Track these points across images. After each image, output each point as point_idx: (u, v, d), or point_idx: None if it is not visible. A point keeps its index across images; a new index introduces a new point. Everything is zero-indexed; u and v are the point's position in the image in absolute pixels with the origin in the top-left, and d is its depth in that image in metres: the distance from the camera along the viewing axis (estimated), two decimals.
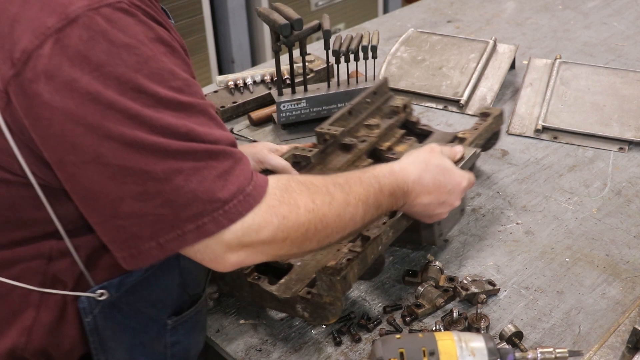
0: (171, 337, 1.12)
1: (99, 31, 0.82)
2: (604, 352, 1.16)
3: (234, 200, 0.89)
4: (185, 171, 0.86)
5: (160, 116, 0.85)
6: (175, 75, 0.87)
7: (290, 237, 0.96)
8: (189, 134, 0.87)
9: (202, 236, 0.89)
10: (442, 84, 1.93)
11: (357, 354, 1.18)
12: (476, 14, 2.42)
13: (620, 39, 2.20)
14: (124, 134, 0.83)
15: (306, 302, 1.16)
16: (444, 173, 1.21)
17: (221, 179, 0.89)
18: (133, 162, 0.84)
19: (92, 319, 1.02)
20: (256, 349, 1.20)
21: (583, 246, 1.39)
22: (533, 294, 1.28)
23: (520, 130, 1.77)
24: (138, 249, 0.89)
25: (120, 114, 0.83)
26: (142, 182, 0.85)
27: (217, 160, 0.89)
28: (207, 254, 0.92)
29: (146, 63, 0.84)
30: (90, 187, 0.86)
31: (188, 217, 0.87)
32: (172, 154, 0.85)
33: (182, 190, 0.86)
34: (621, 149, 1.68)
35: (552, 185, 1.57)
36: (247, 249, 0.94)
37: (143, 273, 1.03)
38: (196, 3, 3.35)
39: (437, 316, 1.24)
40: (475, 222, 1.47)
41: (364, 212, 1.06)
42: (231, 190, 0.89)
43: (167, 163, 0.85)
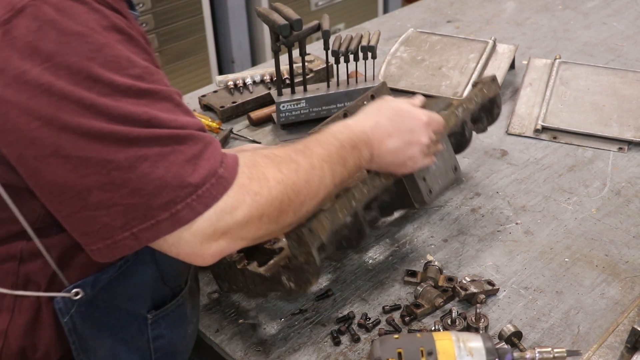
0: (153, 331, 1.10)
1: (47, 20, 0.80)
2: (603, 352, 1.16)
3: (207, 185, 0.87)
4: (150, 158, 0.84)
5: (118, 104, 0.82)
6: (133, 63, 0.85)
7: (265, 213, 0.93)
8: (152, 121, 0.84)
9: (177, 224, 0.86)
10: (441, 84, 1.93)
11: (356, 354, 1.18)
12: (476, 14, 2.42)
13: (620, 39, 2.20)
14: (81, 124, 0.81)
15: (288, 270, 1.15)
16: (400, 113, 1.18)
17: (190, 164, 0.86)
18: (94, 152, 0.82)
19: (69, 319, 1.00)
20: (255, 349, 1.20)
21: (582, 246, 1.39)
22: (532, 294, 1.28)
23: (519, 130, 1.77)
24: (112, 239, 0.86)
25: (76, 104, 0.81)
26: (106, 172, 0.83)
27: (185, 144, 0.86)
28: (183, 247, 0.89)
29: (100, 51, 0.82)
30: (55, 181, 0.84)
31: (160, 205, 0.85)
32: (135, 141, 0.83)
33: (148, 177, 0.84)
34: (621, 149, 1.68)
35: (552, 185, 1.57)
36: (225, 237, 0.91)
37: (117, 269, 1.02)
38: (196, 3, 3.35)
39: (437, 316, 1.24)
40: (474, 222, 1.47)
41: (331, 172, 1.03)
42: (202, 174, 0.87)
43: (131, 151, 0.83)
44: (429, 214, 1.49)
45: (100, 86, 0.82)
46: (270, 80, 1.91)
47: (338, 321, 1.24)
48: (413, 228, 1.46)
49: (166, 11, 3.29)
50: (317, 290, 1.31)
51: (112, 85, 0.82)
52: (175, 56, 3.37)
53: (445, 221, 1.47)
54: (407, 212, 1.49)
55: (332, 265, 1.37)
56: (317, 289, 1.31)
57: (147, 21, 3.25)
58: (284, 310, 1.27)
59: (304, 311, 1.27)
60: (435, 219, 1.48)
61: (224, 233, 0.91)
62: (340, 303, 1.28)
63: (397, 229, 1.45)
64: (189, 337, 1.20)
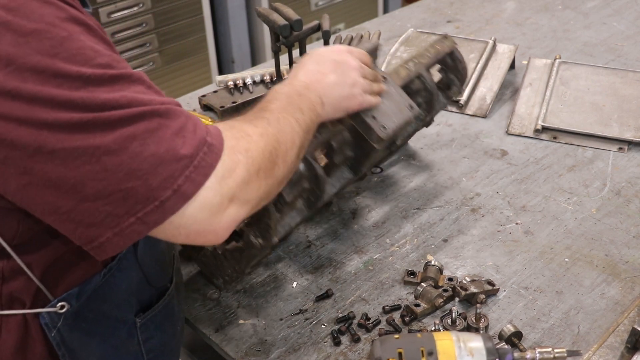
0: (142, 334, 1.10)
1: (0, 23, 0.77)
2: (603, 352, 1.16)
3: (200, 154, 0.84)
4: (139, 136, 0.81)
5: (93, 95, 0.80)
6: (97, 52, 0.82)
7: (261, 167, 0.92)
8: (132, 102, 0.82)
9: (182, 200, 0.83)
10: None
11: (356, 354, 1.18)
12: (476, 14, 2.42)
13: (620, 39, 2.20)
14: (59, 118, 0.79)
15: (251, 226, 1.16)
16: (321, 53, 1.21)
17: (179, 136, 0.84)
18: (79, 141, 0.79)
19: (56, 332, 0.99)
20: (255, 349, 1.20)
21: (582, 246, 1.39)
22: (532, 294, 1.28)
23: (519, 130, 1.77)
24: (119, 227, 0.83)
25: (48, 103, 0.78)
26: (96, 160, 0.80)
27: (169, 118, 0.84)
28: (192, 225, 0.86)
29: (61, 46, 0.79)
30: (47, 177, 0.81)
31: (160, 184, 0.82)
32: (119, 123, 0.81)
33: (141, 156, 0.81)
34: (620, 149, 1.68)
35: (552, 185, 1.57)
36: (232, 203, 0.88)
37: (102, 277, 1.00)
38: (196, 3, 3.35)
39: (437, 316, 1.24)
40: (474, 222, 1.47)
41: (294, 120, 1.04)
42: (193, 144, 0.84)
43: (117, 132, 0.80)
44: (428, 214, 1.49)
45: (70, 81, 0.79)
46: (270, 80, 1.91)
47: (338, 321, 1.24)
48: (413, 228, 1.46)
49: (166, 11, 3.29)
50: (317, 290, 1.31)
51: (82, 78, 0.80)
52: (175, 56, 3.37)
53: (445, 221, 1.47)
54: (407, 212, 1.50)
55: (332, 265, 1.37)
56: (317, 289, 1.31)
57: (147, 21, 3.25)
58: (284, 310, 1.27)
59: (304, 311, 1.27)
60: (435, 219, 1.48)
61: (231, 199, 0.88)
62: (340, 303, 1.28)
63: (397, 229, 1.45)
64: (179, 334, 1.20)
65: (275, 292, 1.32)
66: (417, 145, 1.73)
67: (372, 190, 1.58)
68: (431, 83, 1.46)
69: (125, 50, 3.24)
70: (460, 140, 1.74)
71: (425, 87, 1.46)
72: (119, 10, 3.15)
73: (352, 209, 1.52)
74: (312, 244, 1.43)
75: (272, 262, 1.38)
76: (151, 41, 3.29)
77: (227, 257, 1.24)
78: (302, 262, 1.38)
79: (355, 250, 1.40)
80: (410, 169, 1.64)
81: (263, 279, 1.35)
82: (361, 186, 1.59)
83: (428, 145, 1.73)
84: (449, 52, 1.51)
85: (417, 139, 1.75)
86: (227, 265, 1.26)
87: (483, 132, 1.77)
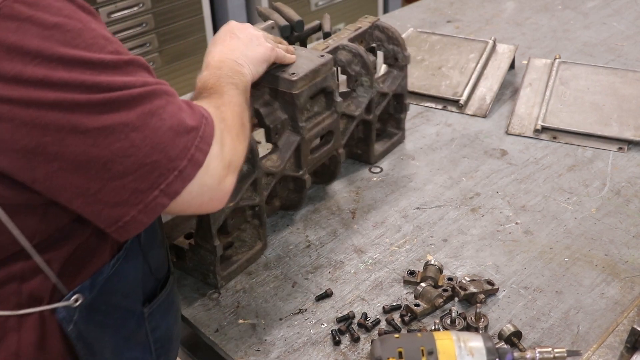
0: (150, 324, 1.12)
1: (24, 18, 0.81)
2: (603, 351, 1.16)
3: (202, 126, 0.93)
4: (156, 111, 0.88)
5: (114, 78, 0.86)
6: (108, 39, 0.89)
7: (238, 132, 1.03)
8: (145, 83, 0.89)
9: (196, 167, 0.91)
10: (441, 83, 1.93)
11: (356, 354, 1.18)
12: (476, 14, 2.42)
13: (619, 39, 2.20)
14: (90, 99, 0.84)
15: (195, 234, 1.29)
16: (216, 36, 1.31)
17: (184, 110, 0.92)
18: (110, 120, 0.85)
19: (73, 326, 1.01)
20: (255, 349, 1.20)
21: (582, 246, 1.39)
22: (532, 294, 1.28)
23: (519, 130, 1.77)
24: (144, 202, 0.89)
25: (78, 87, 0.84)
26: (125, 136, 0.86)
27: (172, 95, 0.92)
28: (206, 193, 0.94)
29: (80, 37, 0.85)
30: (78, 160, 0.86)
31: (178, 154, 0.89)
32: (139, 100, 0.88)
33: (162, 129, 0.88)
34: (620, 148, 1.68)
35: (552, 185, 1.57)
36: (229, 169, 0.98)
37: (111, 268, 1.03)
38: (196, 3, 3.35)
39: (436, 316, 1.24)
40: (474, 221, 1.47)
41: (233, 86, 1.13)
42: (196, 117, 0.93)
43: (138, 109, 0.87)
44: (428, 214, 1.49)
45: (92, 67, 0.85)
46: None
47: (338, 321, 1.24)
48: (413, 228, 1.46)
49: (166, 11, 3.29)
50: (317, 290, 1.31)
51: (102, 64, 0.86)
52: (175, 56, 3.37)
53: (445, 221, 1.47)
54: (407, 212, 1.50)
55: (332, 265, 1.37)
56: (317, 289, 1.31)
57: (147, 21, 3.25)
58: (284, 310, 1.28)
59: (304, 311, 1.27)
60: (435, 218, 1.48)
61: (229, 165, 0.97)
62: (340, 303, 1.28)
63: (397, 229, 1.46)
64: (180, 322, 1.23)
65: (275, 292, 1.32)
66: (417, 145, 1.73)
67: (372, 190, 1.58)
68: (356, 48, 1.52)
69: None
70: (460, 140, 1.74)
71: (353, 53, 1.52)
72: (119, 10, 3.15)
73: (352, 208, 1.52)
74: (312, 244, 1.43)
75: (271, 262, 1.39)
76: (151, 41, 3.30)
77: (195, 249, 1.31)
78: (302, 262, 1.38)
79: (355, 250, 1.40)
80: (410, 169, 1.64)
81: (263, 279, 1.35)
82: (361, 186, 1.59)
83: (428, 145, 1.73)
84: (372, 25, 1.61)
85: (417, 139, 1.75)
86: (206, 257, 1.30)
87: (483, 132, 1.77)
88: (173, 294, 1.19)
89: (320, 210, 1.52)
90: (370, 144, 1.63)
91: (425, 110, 1.88)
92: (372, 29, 1.63)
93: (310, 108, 1.41)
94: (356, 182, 1.60)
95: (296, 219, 1.50)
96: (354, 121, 1.55)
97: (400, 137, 1.73)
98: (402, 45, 1.62)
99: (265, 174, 1.35)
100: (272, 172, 1.37)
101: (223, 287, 1.33)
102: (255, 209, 1.36)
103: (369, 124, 1.60)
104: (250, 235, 1.39)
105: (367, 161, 1.66)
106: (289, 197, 1.49)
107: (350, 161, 1.67)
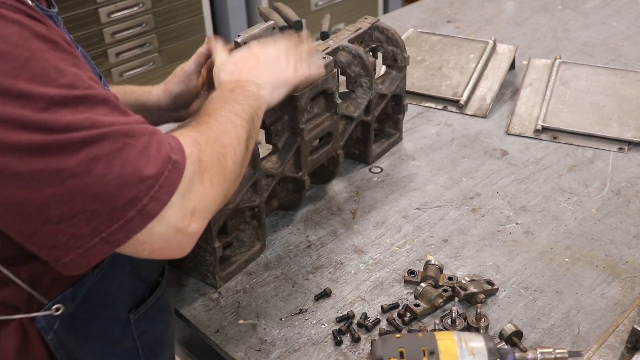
0: (137, 329, 1.10)
1: None
2: (603, 352, 1.16)
3: (165, 172, 0.85)
4: (103, 157, 0.81)
5: (56, 117, 0.79)
6: (62, 71, 0.81)
7: (213, 175, 0.94)
8: (95, 124, 0.81)
9: (147, 219, 0.84)
10: (441, 84, 1.93)
11: (357, 354, 1.18)
12: (476, 14, 2.42)
13: (620, 39, 2.20)
14: (21, 141, 0.78)
15: None
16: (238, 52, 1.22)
17: (144, 156, 0.84)
18: (42, 164, 0.79)
19: (53, 335, 0.99)
20: (255, 349, 1.20)
21: (582, 246, 1.39)
22: (532, 294, 1.28)
23: (519, 131, 1.77)
24: (83, 247, 0.84)
25: (10, 124, 0.77)
26: (60, 182, 0.80)
27: (134, 137, 0.84)
28: (157, 242, 0.87)
29: (25, 66, 0.78)
30: (10, 202, 0.80)
31: (125, 204, 0.82)
32: (83, 144, 0.80)
33: (106, 178, 0.81)
34: (621, 149, 1.68)
35: (552, 185, 1.57)
36: (194, 216, 0.90)
37: (95, 277, 1.00)
38: (196, 3, 3.35)
39: (437, 316, 1.24)
40: (474, 222, 1.47)
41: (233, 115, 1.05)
42: (158, 163, 0.85)
43: (80, 154, 0.80)
44: (428, 214, 1.49)
45: (33, 102, 0.78)
46: None
47: (338, 321, 1.24)
48: (413, 228, 1.46)
49: (166, 11, 3.30)
50: (317, 290, 1.31)
51: (45, 99, 0.79)
52: (175, 56, 3.37)
53: (445, 221, 1.47)
54: (407, 212, 1.50)
55: (332, 265, 1.37)
56: (317, 289, 1.31)
57: (147, 21, 3.25)
58: (284, 310, 1.27)
59: (305, 311, 1.27)
60: (435, 218, 1.48)
61: (193, 212, 0.89)
62: (341, 303, 1.28)
63: (397, 229, 1.45)
64: (173, 326, 1.21)
65: (275, 292, 1.32)
66: (417, 145, 1.73)
67: (372, 190, 1.58)
68: (356, 49, 1.52)
69: (125, 50, 3.24)
70: (460, 140, 1.74)
71: (353, 54, 1.52)
72: (119, 10, 3.15)
73: (352, 209, 1.52)
74: (312, 244, 1.43)
75: (272, 262, 1.39)
76: (151, 41, 3.30)
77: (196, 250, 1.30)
78: (302, 262, 1.38)
79: (356, 251, 1.40)
80: (410, 169, 1.64)
81: (263, 279, 1.35)
82: (361, 186, 1.59)
83: (428, 145, 1.73)
84: (372, 26, 1.61)
85: (417, 139, 1.75)
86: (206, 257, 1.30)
87: (483, 132, 1.77)
88: (164, 299, 1.16)
89: (320, 211, 1.52)
90: (368, 144, 1.63)
91: (426, 110, 1.88)
92: (372, 29, 1.63)
93: (310, 109, 1.41)
94: (356, 183, 1.60)
95: (296, 219, 1.50)
96: (353, 122, 1.55)
97: (397, 138, 1.73)
98: (401, 47, 1.62)
99: (265, 175, 1.35)
100: (272, 173, 1.37)
101: (223, 287, 1.33)
102: (254, 210, 1.36)
103: (368, 124, 1.60)
104: (249, 235, 1.39)
105: (364, 161, 1.66)
106: (288, 198, 1.49)
107: (350, 161, 1.67)
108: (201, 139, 0.95)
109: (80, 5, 3.03)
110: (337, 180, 1.61)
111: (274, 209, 1.51)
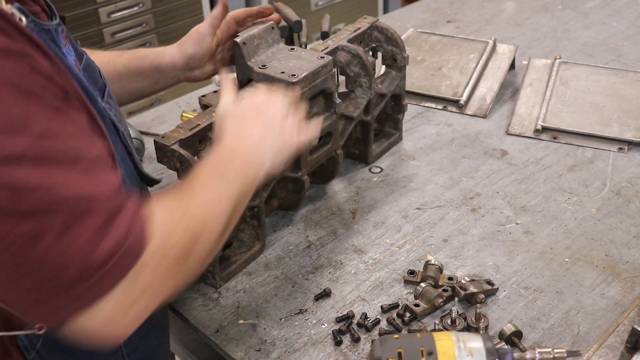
0: (126, 347, 1.07)
1: None
2: (603, 352, 1.16)
3: (114, 259, 0.78)
4: (51, 232, 0.73)
5: (10, 173, 0.71)
6: (28, 124, 0.72)
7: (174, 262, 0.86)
8: (52, 189, 0.73)
9: (81, 307, 0.78)
10: (441, 84, 1.93)
11: (357, 354, 1.18)
12: (476, 14, 2.42)
13: (620, 39, 2.20)
14: None
15: None
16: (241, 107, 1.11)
17: (98, 236, 0.76)
18: None
19: (35, 354, 0.96)
20: (255, 349, 1.20)
21: (582, 246, 1.39)
22: (532, 294, 1.28)
23: (519, 131, 1.77)
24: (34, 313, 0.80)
25: None
26: (4, 248, 0.73)
27: (92, 213, 0.76)
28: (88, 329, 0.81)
29: None
30: None
31: (65, 285, 0.76)
32: (33, 214, 0.73)
33: (50, 254, 0.74)
34: (621, 149, 1.68)
35: (552, 185, 1.57)
36: (140, 299, 0.83)
37: None
38: (196, 3, 3.36)
39: (436, 316, 1.24)
40: (474, 222, 1.47)
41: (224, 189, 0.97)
42: (107, 249, 0.77)
43: (26, 225, 0.72)
44: (428, 214, 1.49)
45: None
46: None
47: (337, 321, 1.24)
48: (413, 228, 1.46)
49: (166, 11, 3.30)
50: (317, 290, 1.31)
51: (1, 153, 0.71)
52: None
53: (445, 221, 1.47)
54: (407, 212, 1.50)
55: (332, 265, 1.37)
56: (317, 289, 1.31)
57: (147, 21, 3.25)
58: (284, 310, 1.27)
59: (305, 311, 1.27)
60: (435, 218, 1.48)
61: (133, 304, 0.83)
62: (341, 303, 1.28)
63: (397, 229, 1.46)
64: (166, 341, 1.18)
65: (275, 292, 1.32)
66: (417, 145, 1.73)
67: (372, 190, 1.58)
68: (355, 49, 1.52)
69: None
70: (460, 140, 1.74)
71: (352, 54, 1.52)
72: (119, 10, 3.15)
73: (352, 208, 1.52)
74: (312, 244, 1.43)
75: (272, 262, 1.39)
76: (151, 41, 3.30)
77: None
78: (302, 262, 1.38)
79: (356, 251, 1.40)
80: (410, 169, 1.64)
81: (263, 279, 1.35)
82: (361, 186, 1.59)
83: (428, 145, 1.73)
84: (371, 25, 1.61)
85: (417, 139, 1.75)
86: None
87: (483, 132, 1.77)
88: (158, 315, 1.10)
89: (320, 211, 1.52)
90: (368, 144, 1.63)
91: (426, 110, 1.88)
92: (371, 29, 1.63)
93: (310, 109, 1.41)
94: (356, 183, 1.60)
95: (296, 219, 1.50)
96: (352, 122, 1.55)
97: (397, 138, 1.73)
98: (400, 46, 1.62)
99: None
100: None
101: (223, 287, 1.33)
102: (254, 210, 1.36)
103: (367, 124, 1.60)
104: (249, 235, 1.39)
105: (364, 161, 1.66)
106: (288, 198, 1.49)
107: (350, 161, 1.67)
108: (176, 215, 0.88)
109: (80, 5, 3.04)
110: (337, 180, 1.61)
111: (274, 209, 1.51)
